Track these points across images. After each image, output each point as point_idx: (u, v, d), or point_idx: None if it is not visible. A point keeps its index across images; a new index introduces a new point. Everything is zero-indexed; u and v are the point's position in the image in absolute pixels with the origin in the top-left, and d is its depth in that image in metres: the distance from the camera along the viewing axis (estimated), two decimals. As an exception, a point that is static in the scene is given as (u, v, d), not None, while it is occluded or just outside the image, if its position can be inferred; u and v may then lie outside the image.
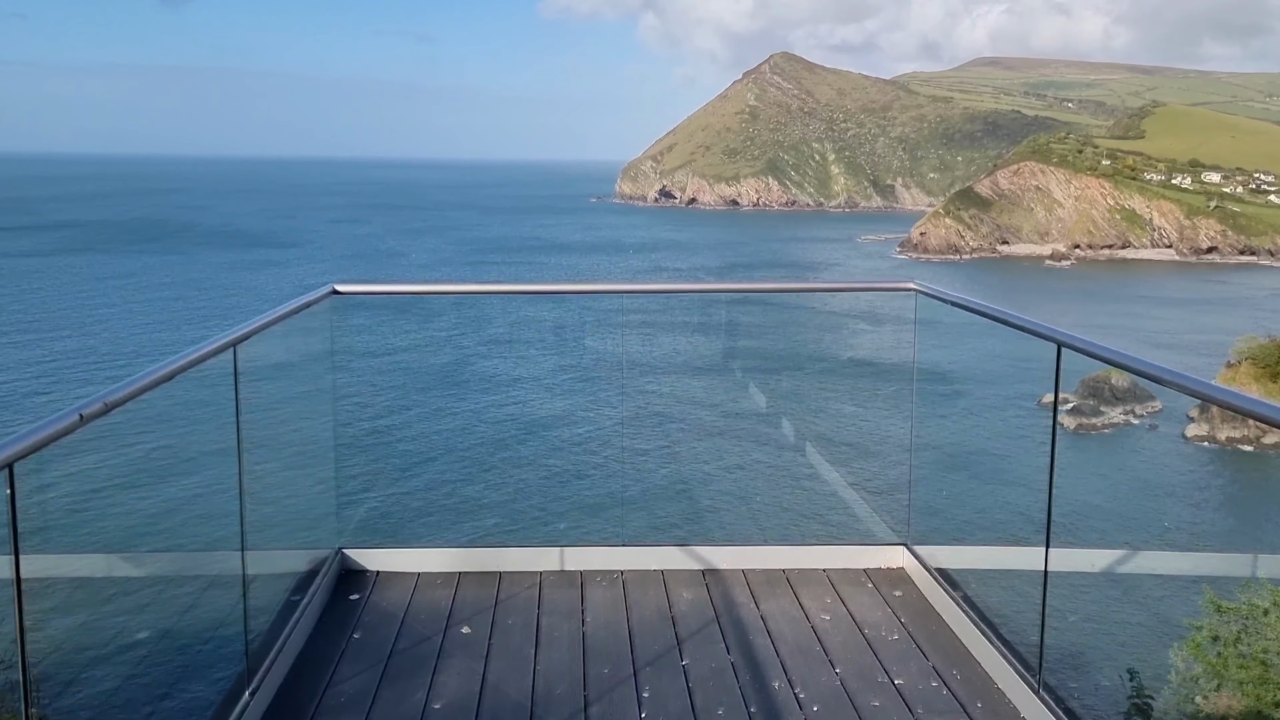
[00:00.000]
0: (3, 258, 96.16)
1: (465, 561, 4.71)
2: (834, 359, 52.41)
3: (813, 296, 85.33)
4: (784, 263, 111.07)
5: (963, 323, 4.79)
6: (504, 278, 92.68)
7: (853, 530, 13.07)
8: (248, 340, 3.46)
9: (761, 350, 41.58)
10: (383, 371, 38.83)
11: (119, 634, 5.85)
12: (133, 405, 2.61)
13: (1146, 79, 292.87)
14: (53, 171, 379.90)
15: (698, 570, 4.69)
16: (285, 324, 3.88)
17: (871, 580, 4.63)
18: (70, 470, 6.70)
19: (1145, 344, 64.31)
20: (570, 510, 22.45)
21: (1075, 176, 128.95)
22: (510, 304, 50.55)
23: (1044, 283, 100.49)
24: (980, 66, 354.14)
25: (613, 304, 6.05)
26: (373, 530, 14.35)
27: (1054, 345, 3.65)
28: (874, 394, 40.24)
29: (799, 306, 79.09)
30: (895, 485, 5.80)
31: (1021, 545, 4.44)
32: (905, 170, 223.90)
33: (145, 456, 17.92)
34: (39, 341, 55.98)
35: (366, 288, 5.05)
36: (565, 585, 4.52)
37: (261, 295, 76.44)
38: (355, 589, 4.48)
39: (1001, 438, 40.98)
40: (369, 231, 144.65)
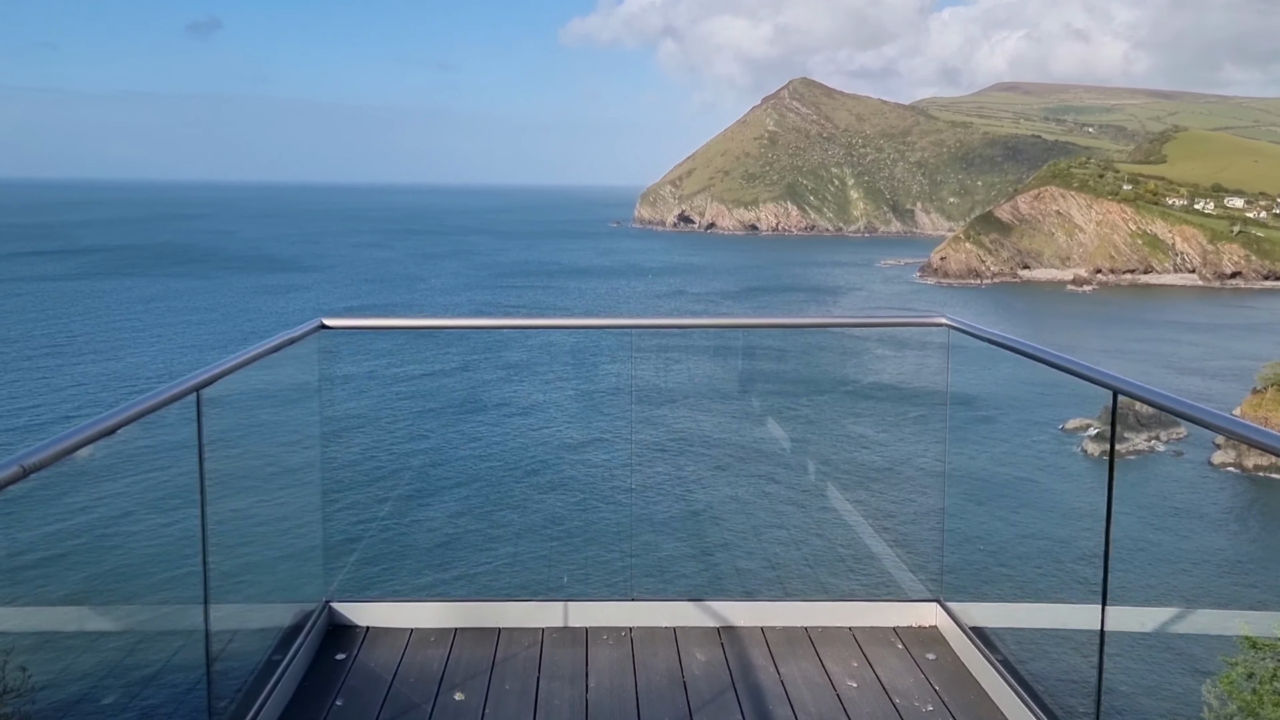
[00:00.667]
0: (33, 282, 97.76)
1: (462, 616, 4.44)
2: (856, 385, 50.81)
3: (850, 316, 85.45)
4: (803, 287, 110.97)
5: (985, 345, 4.59)
6: (523, 301, 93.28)
7: (880, 584, 12.65)
8: (215, 383, 3.23)
9: (780, 375, 40.17)
10: (378, 407, 37.19)
11: (81, 700, 5.40)
12: (105, 442, 2.49)
13: (1167, 104, 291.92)
14: (82, 197, 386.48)
15: (712, 628, 4.40)
16: (269, 360, 3.69)
17: (902, 640, 4.33)
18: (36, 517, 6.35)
19: (1170, 370, 63.64)
20: (574, 558, 21.35)
21: (1096, 201, 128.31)
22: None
23: (1066, 307, 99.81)
24: (999, 92, 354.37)
25: (628, 332, 5.84)
26: (363, 581, 13.55)
27: (1109, 392, 3.46)
28: (901, 427, 38.43)
29: (819, 329, 79.03)
30: (926, 533, 5.52)
31: (1066, 601, 4.09)
32: (925, 195, 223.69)
33: (114, 501, 17.12)
34: (67, 365, 56.76)
35: (356, 322, 4.81)
36: (568, 644, 4.26)
37: (283, 320, 77.20)
38: (342, 646, 4.21)
39: (1037, 471, 39.48)
40: (391, 256, 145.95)
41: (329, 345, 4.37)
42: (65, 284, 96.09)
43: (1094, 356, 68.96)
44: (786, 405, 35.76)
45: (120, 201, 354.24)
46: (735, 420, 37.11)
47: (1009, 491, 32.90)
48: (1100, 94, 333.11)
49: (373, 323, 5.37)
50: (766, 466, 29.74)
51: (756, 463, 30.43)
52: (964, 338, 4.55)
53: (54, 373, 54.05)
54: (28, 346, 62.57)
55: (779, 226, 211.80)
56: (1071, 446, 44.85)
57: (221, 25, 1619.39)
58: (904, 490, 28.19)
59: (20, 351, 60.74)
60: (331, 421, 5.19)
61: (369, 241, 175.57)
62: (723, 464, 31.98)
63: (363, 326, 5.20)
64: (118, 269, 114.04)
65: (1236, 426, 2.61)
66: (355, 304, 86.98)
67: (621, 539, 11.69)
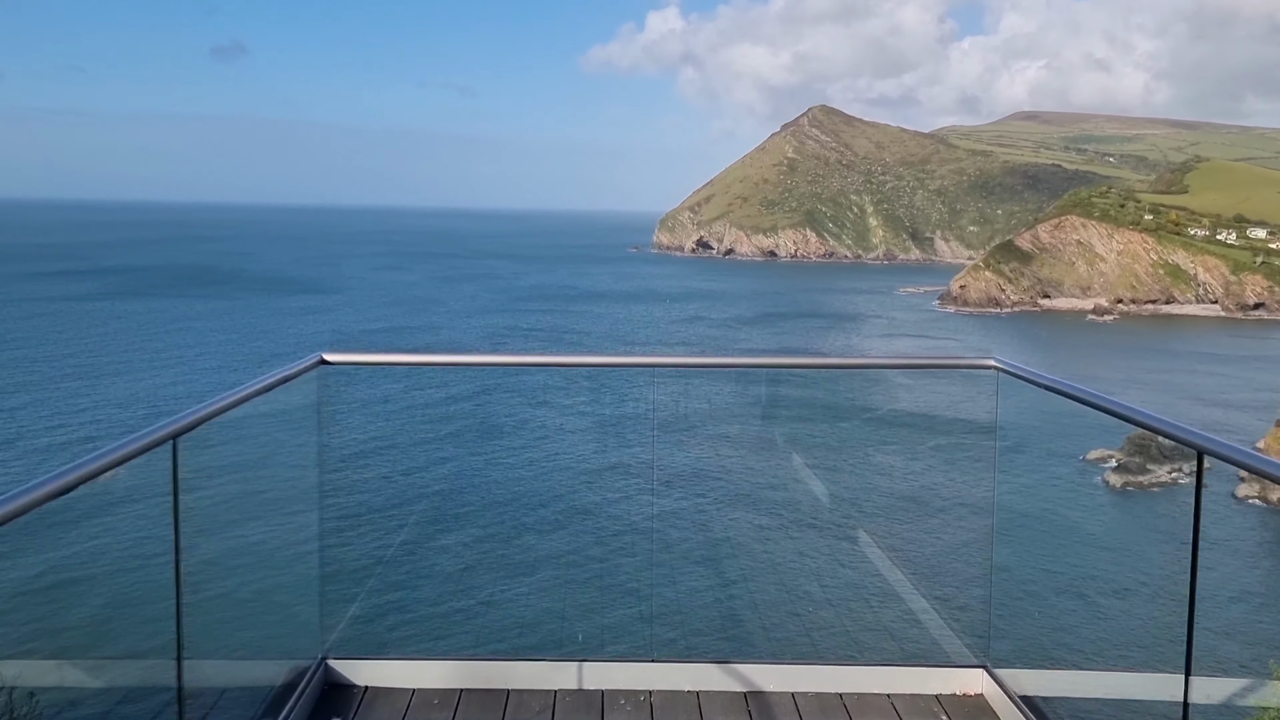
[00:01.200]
0: (59, 301, 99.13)
1: (468, 676, 4.15)
2: (890, 421, 47.62)
3: (862, 347, 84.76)
4: (822, 313, 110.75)
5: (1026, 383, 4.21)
6: (541, 325, 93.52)
7: (922, 646, 11.56)
8: (194, 429, 2.97)
9: (806, 403, 37.56)
10: (383, 441, 35.26)
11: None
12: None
13: (1188, 134, 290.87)
14: (107, 218, 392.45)
15: (739, 693, 4.11)
16: (266, 399, 3.43)
17: (945, 710, 4.03)
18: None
19: (1193, 401, 62.93)
20: (590, 613, 19.82)
21: (1117, 231, 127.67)
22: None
23: (1087, 337, 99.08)
24: (1019, 120, 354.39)
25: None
26: (363, 636, 12.24)
27: (1194, 451, 3.19)
28: (942, 468, 35.96)
29: (856, 357, 78.61)
30: (971, 589, 5.12)
31: (1134, 669, 3.71)
32: (944, 223, 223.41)
33: (88, 546, 16.25)
34: (91, 385, 57.33)
35: (358, 358, 4.54)
36: (583, 709, 3.97)
37: (300, 341, 77.74)
38: (339, 708, 3.95)
39: (1075, 510, 37.77)
40: (410, 279, 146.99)
41: (329, 380, 4.13)
42: (89, 304, 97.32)
43: (1116, 387, 68.18)
44: (813, 438, 34.05)
45: (144, 223, 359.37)
46: (760, 458, 35.00)
47: (1053, 535, 30.87)
48: (1121, 123, 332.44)
49: (376, 359, 5.09)
50: (795, 512, 27.92)
51: (785, 508, 28.39)
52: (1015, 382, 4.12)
53: (78, 394, 54.59)
54: (54, 366, 63.28)
55: (798, 253, 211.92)
56: (1093, 478, 44.33)
57: (246, 49, 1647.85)
58: (946, 538, 26.25)
59: (45, 372, 61.44)
60: (331, 459, 4.96)
61: (388, 264, 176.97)
62: (748, 508, 30.02)
63: (365, 363, 4.85)
64: (140, 289, 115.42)
65: None
66: (373, 327, 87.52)
67: (641, 593, 10.72)
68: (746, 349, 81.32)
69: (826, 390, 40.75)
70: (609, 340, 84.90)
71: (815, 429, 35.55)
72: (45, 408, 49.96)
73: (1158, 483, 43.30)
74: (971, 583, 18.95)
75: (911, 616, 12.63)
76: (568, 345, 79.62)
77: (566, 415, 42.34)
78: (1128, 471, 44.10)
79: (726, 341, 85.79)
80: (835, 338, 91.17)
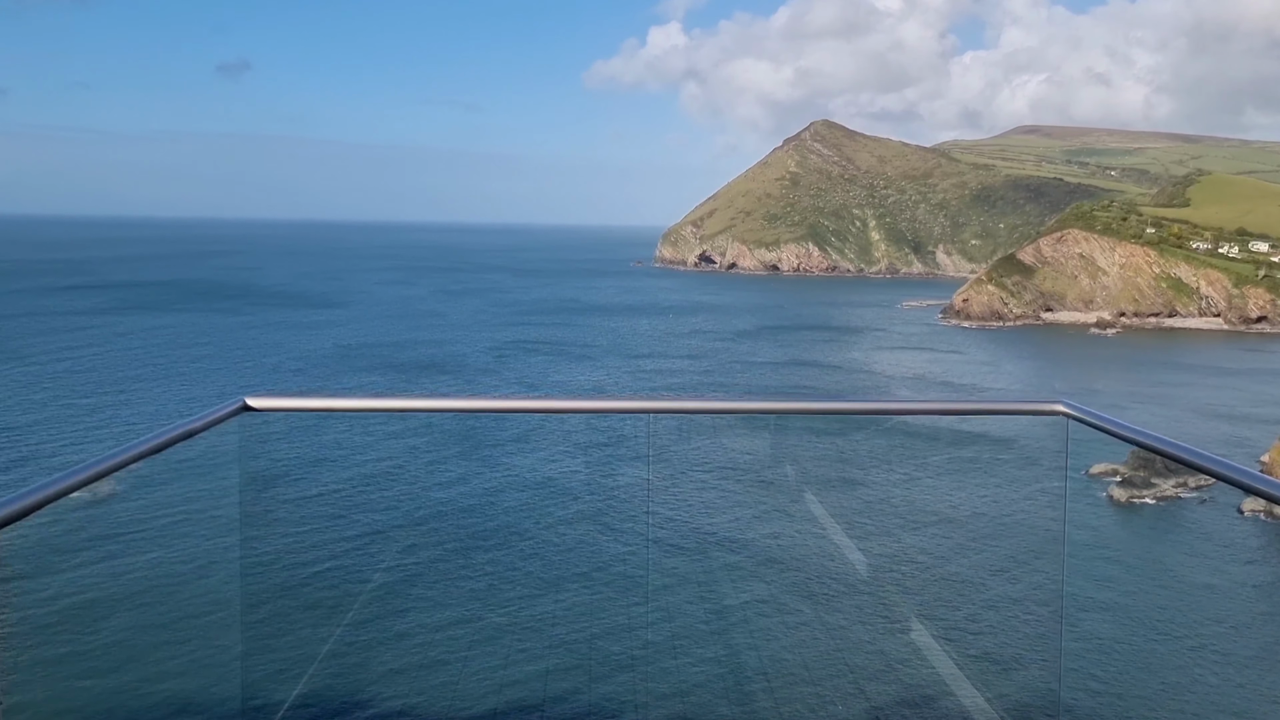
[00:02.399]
0: (69, 315, 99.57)
1: None
2: (932, 467, 41.80)
3: (872, 356, 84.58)
4: (824, 326, 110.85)
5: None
6: (543, 338, 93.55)
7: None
8: (25, 517, 2.24)
9: (817, 433, 33.04)
10: (325, 501, 29.46)
11: None
12: None
13: (1190, 147, 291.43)
14: (115, 234, 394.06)
15: None
16: (166, 457, 2.90)
17: None
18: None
19: (1197, 415, 62.88)
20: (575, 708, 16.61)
21: (1120, 244, 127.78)
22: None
23: (1090, 350, 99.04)
24: (1021, 134, 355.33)
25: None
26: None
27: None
28: (997, 532, 31.44)
29: (859, 370, 78.51)
30: (1034, 680, 4.19)
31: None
32: (947, 237, 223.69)
33: None
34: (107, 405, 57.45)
35: (290, 403, 3.82)
36: None
37: (303, 356, 77.90)
38: None
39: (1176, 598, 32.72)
40: (415, 293, 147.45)
41: (256, 430, 3.44)
42: (92, 317, 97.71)
43: (1120, 402, 67.89)
44: (828, 478, 30.02)
45: (151, 239, 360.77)
46: (768, 503, 30.28)
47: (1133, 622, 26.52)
48: (1122, 137, 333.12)
49: (315, 404, 4.09)
50: (804, 559, 23.91)
51: (808, 571, 23.94)
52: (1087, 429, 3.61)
53: (93, 410, 54.72)
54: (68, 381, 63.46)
55: (800, 267, 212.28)
56: (1097, 492, 44.26)
57: (251, 66, 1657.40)
58: (1004, 624, 22.57)
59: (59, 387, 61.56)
60: (257, 528, 4.30)
61: (394, 279, 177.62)
62: (764, 579, 25.16)
63: (302, 409, 4.03)
64: (147, 304, 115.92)
65: None
66: (375, 339, 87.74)
67: (636, 678, 8.80)
68: (761, 390, 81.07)
69: (848, 435, 36.02)
70: (609, 353, 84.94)
71: (836, 474, 31.69)
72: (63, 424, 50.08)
73: (1162, 496, 43.22)
74: (1035, 666, 16.35)
75: (950, 698, 10.56)
76: (572, 358, 79.71)
77: (551, 466, 36.18)
78: (1132, 486, 44.04)
79: (729, 354, 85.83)
80: (840, 351, 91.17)
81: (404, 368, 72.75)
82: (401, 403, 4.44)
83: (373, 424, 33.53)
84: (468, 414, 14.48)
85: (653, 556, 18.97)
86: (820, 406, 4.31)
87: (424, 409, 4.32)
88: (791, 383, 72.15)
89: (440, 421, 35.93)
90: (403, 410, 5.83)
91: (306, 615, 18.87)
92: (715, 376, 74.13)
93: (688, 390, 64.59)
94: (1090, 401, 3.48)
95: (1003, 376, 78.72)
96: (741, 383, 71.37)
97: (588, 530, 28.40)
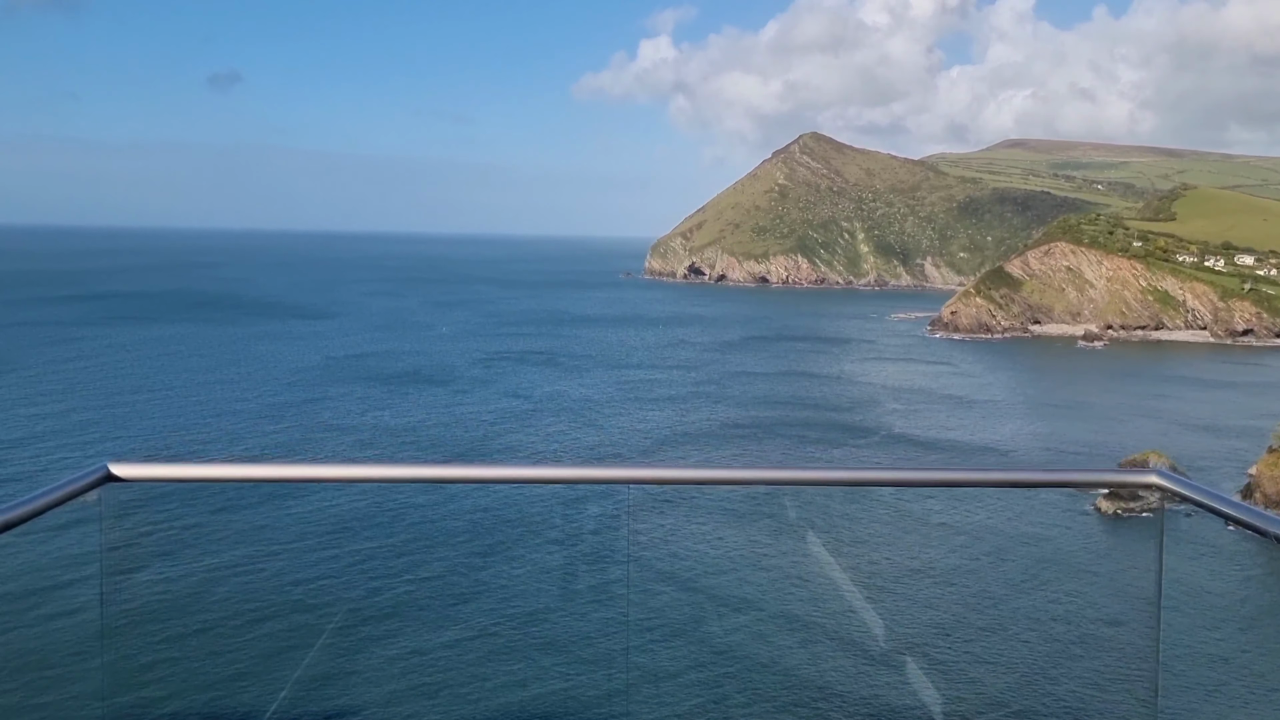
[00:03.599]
0: (55, 326, 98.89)
1: None
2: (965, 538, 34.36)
3: (862, 367, 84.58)
4: (816, 338, 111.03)
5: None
6: (529, 348, 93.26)
7: None
8: None
9: (847, 514, 29.14)
10: (212, 597, 23.36)
11: None
12: None
13: (1174, 161, 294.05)
14: (105, 245, 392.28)
15: None
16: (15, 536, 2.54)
17: None
18: None
19: (1184, 427, 63.14)
20: None
21: (1107, 257, 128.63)
22: None
23: (1078, 363, 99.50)
24: (1007, 148, 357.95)
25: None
26: None
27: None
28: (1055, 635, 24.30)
29: (851, 381, 78.56)
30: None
31: None
32: (935, 249, 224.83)
33: None
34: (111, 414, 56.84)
35: (165, 471, 3.26)
36: None
37: (290, 367, 77.41)
38: None
39: None
40: (402, 305, 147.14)
41: (121, 501, 2.97)
42: (82, 328, 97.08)
43: (1109, 414, 67.86)
44: (837, 516, 26.01)
45: (141, 249, 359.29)
46: (786, 575, 24.73)
47: None
48: (1107, 151, 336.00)
49: (191, 472, 3.38)
50: (822, 627, 19.44)
51: (830, 636, 19.32)
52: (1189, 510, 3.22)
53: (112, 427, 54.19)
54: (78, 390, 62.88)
55: (789, 279, 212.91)
56: (1084, 504, 44.34)
57: (241, 78, 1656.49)
58: None
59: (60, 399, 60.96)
60: (127, 630, 3.02)
61: (382, 290, 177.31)
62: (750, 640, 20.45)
63: (175, 478, 3.37)
64: (137, 314, 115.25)
65: None
66: (363, 350, 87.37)
67: None
68: (750, 401, 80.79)
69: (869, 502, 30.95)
70: (599, 365, 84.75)
71: (853, 536, 27.32)
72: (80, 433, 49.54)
73: (1149, 508, 43.32)
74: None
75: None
76: (561, 369, 79.48)
77: (509, 552, 28.44)
78: (1118, 499, 44.13)
79: (720, 365, 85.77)
80: (831, 363, 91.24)
81: (391, 379, 72.44)
82: (298, 470, 3.58)
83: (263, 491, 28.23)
84: (386, 484, 9.25)
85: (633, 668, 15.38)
86: (848, 477, 3.61)
87: (327, 478, 3.57)
88: (784, 394, 72.10)
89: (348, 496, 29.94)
90: (298, 480, 4.55)
91: (171, 702, 16.43)
92: (706, 388, 74.05)
93: (674, 437, 59.73)
94: (1087, 411, 3.03)
95: (994, 389, 78.93)
96: (733, 394, 71.28)
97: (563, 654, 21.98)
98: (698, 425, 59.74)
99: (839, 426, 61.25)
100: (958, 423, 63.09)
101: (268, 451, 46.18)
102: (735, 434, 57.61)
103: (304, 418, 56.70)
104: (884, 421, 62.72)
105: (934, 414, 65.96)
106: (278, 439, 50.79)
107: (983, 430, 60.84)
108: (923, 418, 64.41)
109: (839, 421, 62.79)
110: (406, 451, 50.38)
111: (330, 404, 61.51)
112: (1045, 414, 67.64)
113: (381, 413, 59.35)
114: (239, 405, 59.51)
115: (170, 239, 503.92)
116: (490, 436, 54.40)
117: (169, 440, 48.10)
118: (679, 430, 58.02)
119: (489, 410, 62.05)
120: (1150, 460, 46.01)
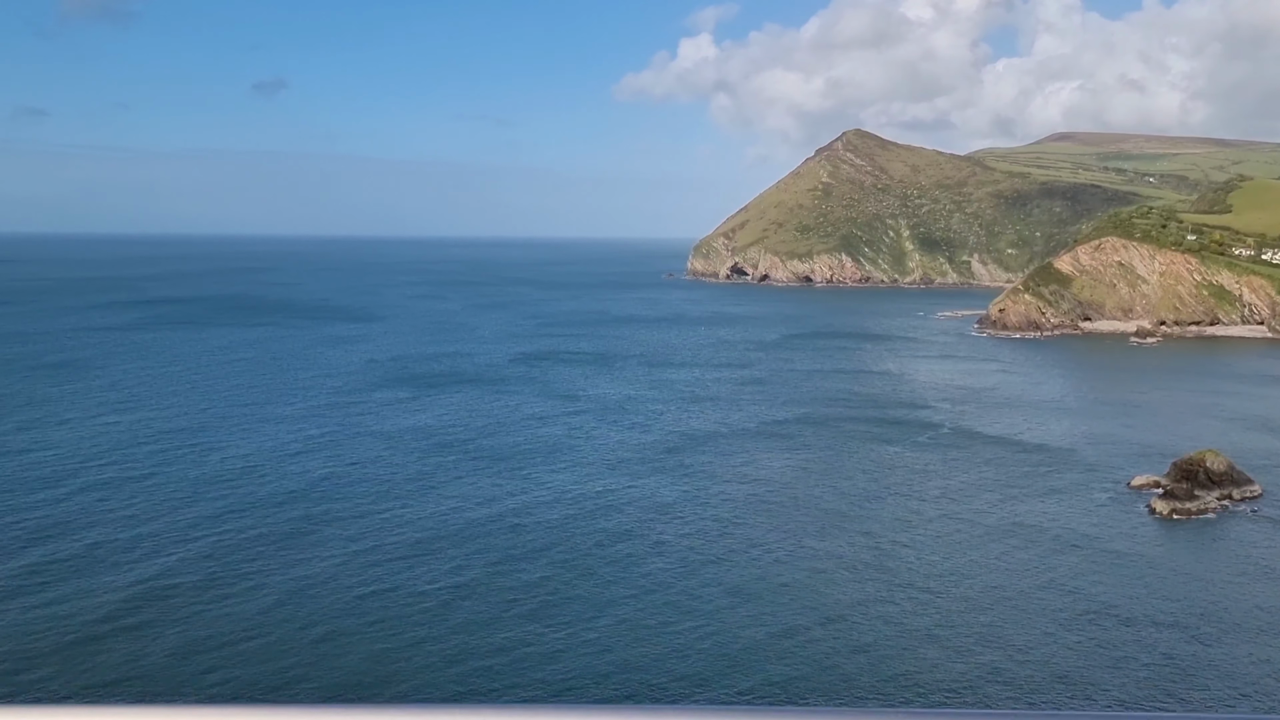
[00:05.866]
0: (111, 331, 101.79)
1: None
2: None
3: (909, 365, 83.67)
4: (862, 336, 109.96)
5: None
6: (571, 349, 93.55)
7: None
8: None
9: None
10: None
11: None
12: None
13: (1229, 152, 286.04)
14: (155, 252, 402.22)
15: None
16: None
17: None
18: None
19: (1242, 424, 61.45)
20: None
21: (1160, 252, 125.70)
22: None
23: (1131, 360, 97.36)
24: (1055, 142, 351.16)
25: None
26: None
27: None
28: None
29: (912, 380, 77.74)
30: None
31: None
32: (982, 246, 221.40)
33: None
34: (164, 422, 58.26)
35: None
36: None
37: (334, 370, 78.61)
38: None
39: None
40: (448, 307, 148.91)
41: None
42: (137, 333, 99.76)
43: (1162, 411, 66.28)
44: None
45: (190, 256, 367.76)
46: None
47: None
48: (1158, 143, 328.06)
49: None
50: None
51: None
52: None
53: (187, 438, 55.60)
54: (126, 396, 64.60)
55: (833, 278, 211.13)
56: (1138, 504, 43.45)
57: (287, 84, 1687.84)
58: None
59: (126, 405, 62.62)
60: None
61: (427, 293, 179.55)
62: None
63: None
64: (190, 319, 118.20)
65: None
66: (410, 351, 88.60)
67: None
68: (803, 400, 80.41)
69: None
70: (640, 362, 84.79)
71: None
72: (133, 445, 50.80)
73: (1206, 509, 42.24)
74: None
75: None
76: (604, 368, 79.61)
77: None
78: (1174, 499, 43.12)
79: (765, 365, 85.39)
80: (877, 361, 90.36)
81: (433, 380, 73.39)
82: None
83: None
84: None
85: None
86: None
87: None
88: (831, 393, 71.58)
89: None
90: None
91: None
92: (752, 388, 73.82)
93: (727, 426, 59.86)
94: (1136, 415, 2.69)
95: (1045, 387, 77.61)
96: (779, 394, 70.93)
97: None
98: (743, 423, 59.58)
99: (891, 422, 60.76)
100: (1009, 421, 62.19)
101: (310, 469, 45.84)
102: (782, 431, 57.36)
103: (374, 416, 57.61)
104: (935, 420, 62.07)
105: (985, 413, 65.07)
106: (324, 436, 51.76)
107: (1035, 429, 59.90)
108: (974, 416, 63.56)
109: (891, 418, 62.29)
110: (451, 458, 50.96)
111: (380, 406, 62.33)
112: (1098, 412, 66.35)
113: (421, 415, 60.14)
114: (288, 409, 60.50)
115: (219, 245, 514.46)
116: (530, 441, 54.85)
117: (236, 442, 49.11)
118: (728, 427, 57.92)
119: (531, 412, 62.55)
120: (1207, 459, 44.97)
